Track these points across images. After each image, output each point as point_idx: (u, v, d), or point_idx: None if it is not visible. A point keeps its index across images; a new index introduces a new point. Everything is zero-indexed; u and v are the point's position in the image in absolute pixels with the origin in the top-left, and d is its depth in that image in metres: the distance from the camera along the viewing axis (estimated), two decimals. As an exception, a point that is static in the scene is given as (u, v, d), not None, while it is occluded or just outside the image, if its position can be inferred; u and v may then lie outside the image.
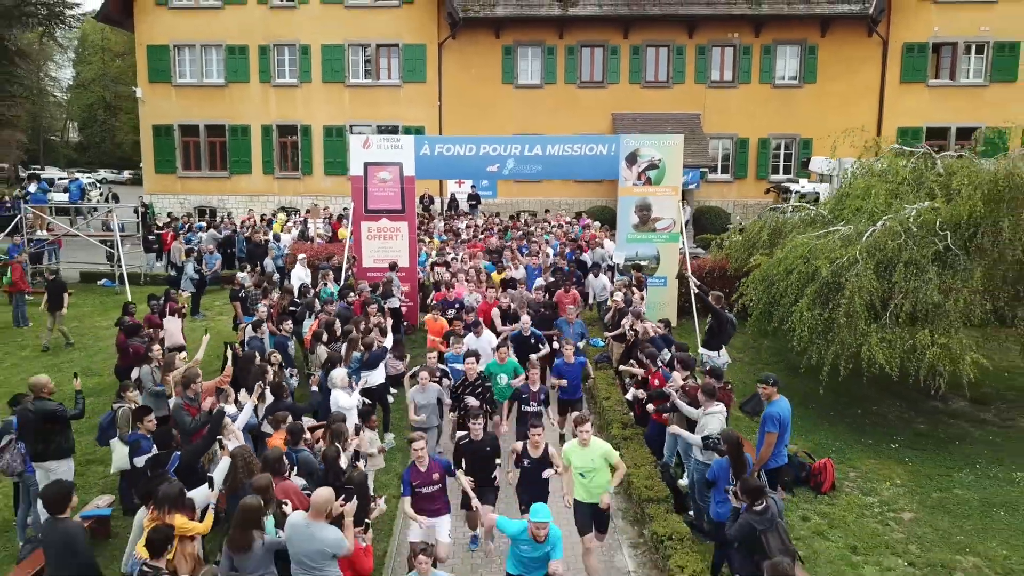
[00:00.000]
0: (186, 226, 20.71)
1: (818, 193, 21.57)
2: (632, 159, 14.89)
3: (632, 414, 9.84)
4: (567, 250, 16.97)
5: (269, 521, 5.60)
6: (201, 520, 5.69)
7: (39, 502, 7.54)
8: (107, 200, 26.99)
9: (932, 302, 9.75)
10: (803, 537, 7.89)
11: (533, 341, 10.52)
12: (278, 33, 27.30)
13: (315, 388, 9.35)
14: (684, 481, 8.49)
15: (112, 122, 69.01)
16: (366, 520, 6.10)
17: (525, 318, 10.76)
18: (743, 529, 5.90)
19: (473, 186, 26.07)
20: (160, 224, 23.04)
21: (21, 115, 33.73)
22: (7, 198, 31.37)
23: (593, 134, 25.78)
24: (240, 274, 15.31)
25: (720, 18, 26.02)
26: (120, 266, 18.10)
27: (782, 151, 27.15)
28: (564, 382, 9.34)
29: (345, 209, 19.42)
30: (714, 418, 7.31)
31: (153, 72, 27.86)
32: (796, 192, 22.87)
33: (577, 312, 11.55)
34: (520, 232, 19.41)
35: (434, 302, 12.27)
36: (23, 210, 18.84)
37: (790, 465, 8.93)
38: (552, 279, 13.80)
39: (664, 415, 8.46)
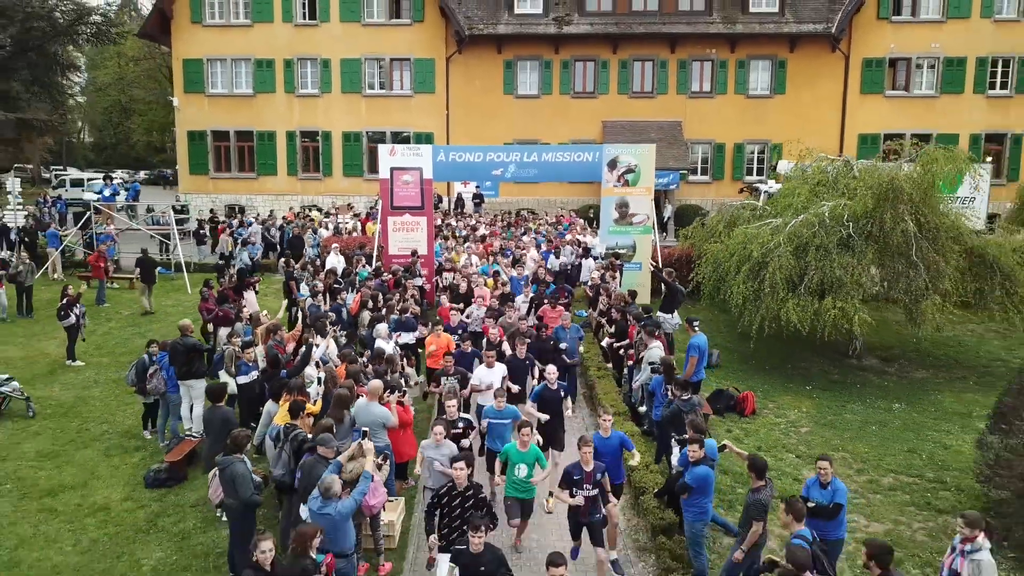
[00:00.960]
0: (236, 222, 23.66)
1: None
2: (612, 164, 17.91)
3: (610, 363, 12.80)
4: (544, 249, 19.43)
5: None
6: (314, 404, 8.73)
7: (180, 410, 10.63)
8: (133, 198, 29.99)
9: (835, 276, 12.77)
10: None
11: (527, 363, 10.20)
12: (301, 48, 30.28)
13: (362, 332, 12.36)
14: (644, 408, 11.48)
15: (127, 124, 71.85)
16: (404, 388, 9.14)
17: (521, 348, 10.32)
18: (672, 412, 8.85)
19: (477, 187, 29.02)
20: (202, 220, 25.98)
21: (65, 121, 36.71)
22: (47, 196, 34.35)
23: (585, 139, 28.92)
24: (280, 261, 18.32)
25: (699, 36, 29.01)
26: (176, 255, 21.11)
27: (755, 155, 30.13)
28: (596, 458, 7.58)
29: (372, 208, 22.35)
30: (654, 351, 10.32)
31: (188, 83, 30.84)
32: (765, 192, 25.82)
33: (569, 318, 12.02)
34: (522, 229, 22.39)
35: (440, 322, 12.08)
36: (92, 207, 21.81)
37: (720, 394, 11.99)
38: (532, 294, 13.98)
39: (631, 351, 11.48)
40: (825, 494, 6.94)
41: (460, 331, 12.19)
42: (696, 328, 10.76)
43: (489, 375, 9.69)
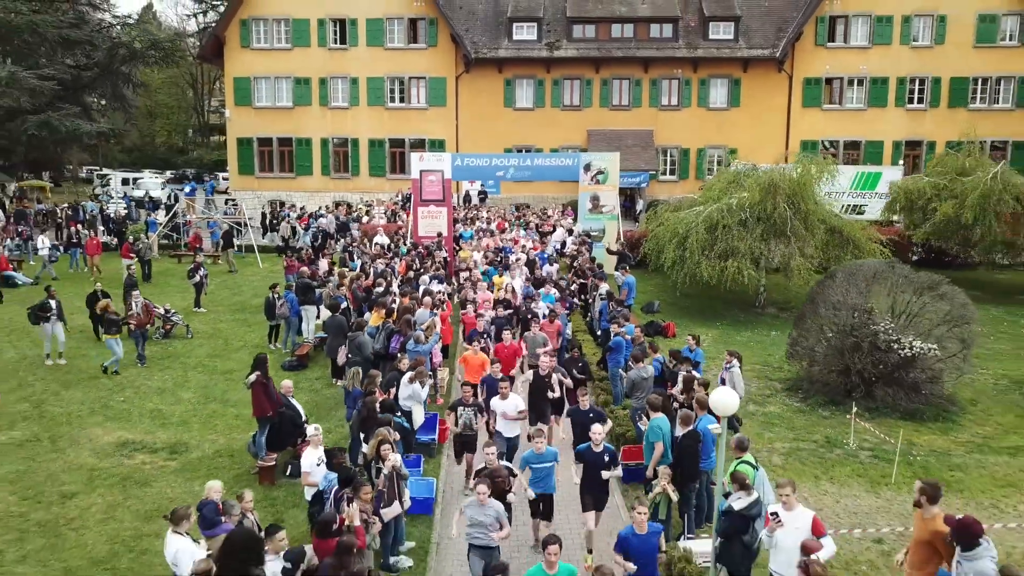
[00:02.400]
0: (305, 214, 29.28)
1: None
2: (588, 168, 23.72)
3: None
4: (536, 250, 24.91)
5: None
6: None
7: (300, 327, 16.40)
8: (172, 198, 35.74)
9: (734, 246, 18.56)
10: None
11: (548, 380, 10.75)
12: (334, 68, 36.01)
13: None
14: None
15: (152, 127, 77.48)
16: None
17: (544, 359, 11.13)
18: (633, 381, 14.49)
19: (482, 185, 34.75)
20: (265, 212, 31.62)
21: (131, 131, 42.36)
22: (108, 193, 40.03)
23: (572, 145, 34.69)
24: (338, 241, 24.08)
25: (667, 59, 34.78)
26: (247, 238, 26.88)
27: (715, 158, 35.86)
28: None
29: (406, 203, 27.98)
30: (603, 287, 16.13)
31: (238, 97, 36.56)
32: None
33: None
34: (524, 221, 28.11)
35: (466, 334, 13.34)
36: (180, 200, 27.56)
37: (651, 324, 17.80)
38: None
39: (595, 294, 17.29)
40: (693, 355, 12.47)
41: (485, 336, 13.19)
42: (627, 270, 16.61)
43: (504, 406, 10.06)
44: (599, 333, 16.26)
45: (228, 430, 12.42)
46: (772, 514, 6.91)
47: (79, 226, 25.67)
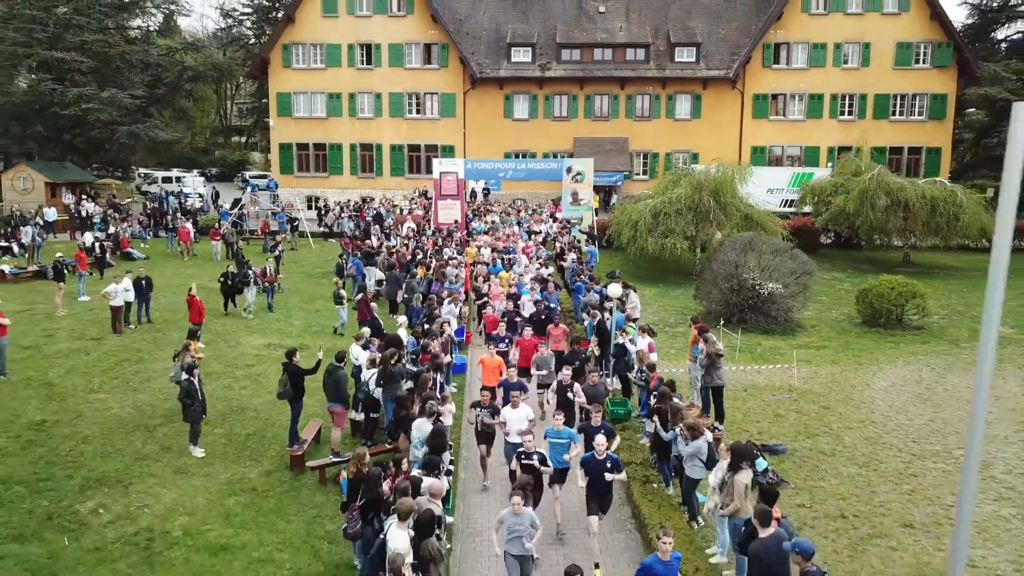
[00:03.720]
0: (362, 208, 36.13)
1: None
2: (569, 170, 30.73)
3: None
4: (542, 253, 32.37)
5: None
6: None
7: (366, 281, 23.48)
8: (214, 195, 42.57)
9: (671, 228, 25.59)
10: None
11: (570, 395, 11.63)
12: (361, 85, 42.95)
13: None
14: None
15: (180, 127, 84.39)
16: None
17: (565, 371, 12.06)
18: (577, 289, 21.53)
19: (485, 183, 41.69)
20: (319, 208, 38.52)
21: (184, 139, 49.42)
22: (138, 197, 46.70)
23: (561, 150, 41.67)
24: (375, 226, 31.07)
25: (640, 78, 41.77)
26: (303, 227, 33.86)
27: (680, 161, 42.80)
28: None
29: (414, 198, 34.94)
30: (571, 255, 23.16)
31: (280, 109, 43.50)
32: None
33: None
34: (521, 213, 35.04)
35: (486, 333, 15.02)
36: (246, 193, 34.52)
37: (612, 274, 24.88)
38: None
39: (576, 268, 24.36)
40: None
41: (506, 340, 14.61)
42: (592, 242, 23.65)
43: (515, 415, 10.67)
44: (570, 286, 23.34)
45: (328, 339, 19.38)
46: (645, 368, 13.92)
47: (167, 216, 32.65)
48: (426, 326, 15.63)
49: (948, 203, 27.72)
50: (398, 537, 7.42)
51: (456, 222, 29.84)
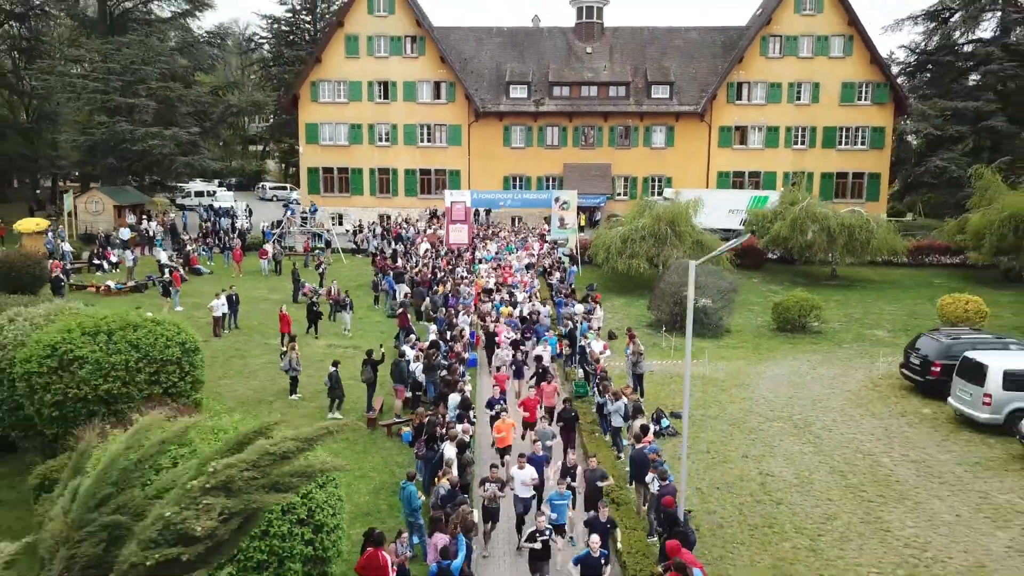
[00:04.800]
0: (395, 226, 42.78)
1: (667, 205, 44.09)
2: (557, 199, 37.34)
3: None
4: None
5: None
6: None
7: (396, 295, 30.16)
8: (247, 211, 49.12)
9: (637, 250, 32.20)
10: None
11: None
12: (379, 117, 49.48)
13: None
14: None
15: (222, 152, 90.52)
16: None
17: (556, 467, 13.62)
18: (559, 303, 28.11)
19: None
20: (355, 227, 45.18)
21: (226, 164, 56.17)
22: (171, 213, 53.33)
23: (553, 174, 48.27)
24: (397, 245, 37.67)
25: (621, 112, 48.34)
26: (336, 244, 40.41)
27: (655, 184, 49.44)
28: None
29: (432, 216, 41.56)
30: (558, 274, 29.79)
31: (308, 137, 50.04)
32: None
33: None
34: (518, 237, 41.61)
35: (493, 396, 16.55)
36: (287, 212, 41.07)
37: (589, 290, 31.59)
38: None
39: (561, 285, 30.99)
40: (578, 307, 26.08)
41: (501, 402, 16.36)
42: (575, 264, 30.31)
43: (521, 474, 12.64)
44: (555, 299, 30.00)
45: (381, 338, 25.91)
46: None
47: (219, 234, 39.23)
48: (448, 332, 22.30)
49: (863, 229, 34.35)
50: (449, 450, 14.05)
51: (466, 244, 36.46)
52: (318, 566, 9.33)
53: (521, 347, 21.22)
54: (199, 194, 61.08)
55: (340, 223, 47.87)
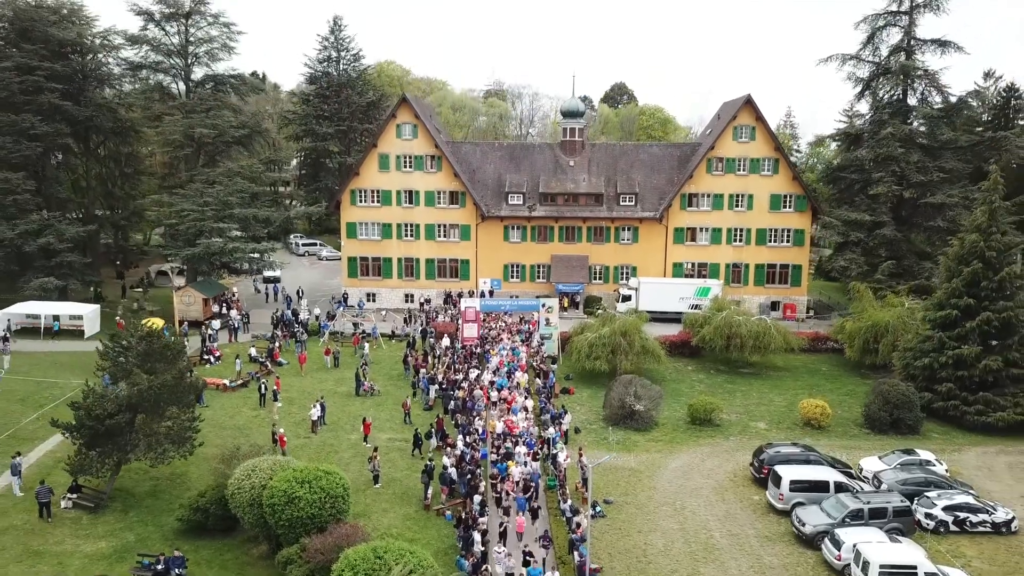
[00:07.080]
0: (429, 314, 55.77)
1: (631, 293, 56.98)
2: (543, 304, 50.20)
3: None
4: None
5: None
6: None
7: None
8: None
9: (599, 354, 45.07)
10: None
11: None
12: (405, 218, 62.23)
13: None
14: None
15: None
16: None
17: None
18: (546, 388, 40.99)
19: (491, 286, 61.02)
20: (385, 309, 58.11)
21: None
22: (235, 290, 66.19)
23: (543, 263, 61.12)
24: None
25: (597, 217, 61.11)
26: (376, 332, 53.25)
27: (624, 273, 62.18)
28: None
29: (448, 298, 54.48)
30: (550, 373, 42.74)
31: (348, 233, 62.83)
32: (627, 289, 58.07)
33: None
34: (511, 331, 54.33)
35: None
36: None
37: (568, 380, 44.59)
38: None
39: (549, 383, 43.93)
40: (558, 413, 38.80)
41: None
42: (553, 362, 43.29)
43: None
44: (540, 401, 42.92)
45: (417, 421, 38.61)
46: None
47: (287, 324, 52.14)
48: (467, 437, 35.24)
49: (764, 333, 47.25)
50: (476, 536, 27.09)
51: (478, 340, 49.32)
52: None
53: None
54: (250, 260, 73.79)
55: (373, 300, 60.86)
